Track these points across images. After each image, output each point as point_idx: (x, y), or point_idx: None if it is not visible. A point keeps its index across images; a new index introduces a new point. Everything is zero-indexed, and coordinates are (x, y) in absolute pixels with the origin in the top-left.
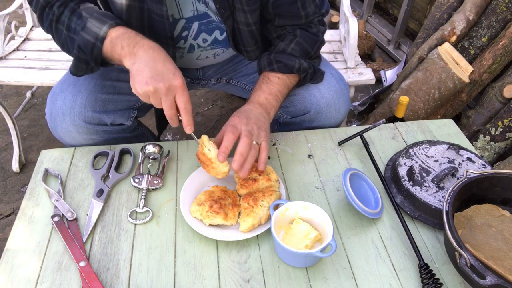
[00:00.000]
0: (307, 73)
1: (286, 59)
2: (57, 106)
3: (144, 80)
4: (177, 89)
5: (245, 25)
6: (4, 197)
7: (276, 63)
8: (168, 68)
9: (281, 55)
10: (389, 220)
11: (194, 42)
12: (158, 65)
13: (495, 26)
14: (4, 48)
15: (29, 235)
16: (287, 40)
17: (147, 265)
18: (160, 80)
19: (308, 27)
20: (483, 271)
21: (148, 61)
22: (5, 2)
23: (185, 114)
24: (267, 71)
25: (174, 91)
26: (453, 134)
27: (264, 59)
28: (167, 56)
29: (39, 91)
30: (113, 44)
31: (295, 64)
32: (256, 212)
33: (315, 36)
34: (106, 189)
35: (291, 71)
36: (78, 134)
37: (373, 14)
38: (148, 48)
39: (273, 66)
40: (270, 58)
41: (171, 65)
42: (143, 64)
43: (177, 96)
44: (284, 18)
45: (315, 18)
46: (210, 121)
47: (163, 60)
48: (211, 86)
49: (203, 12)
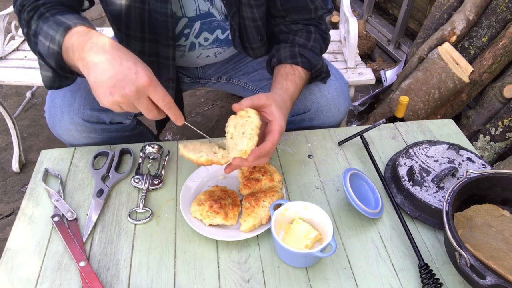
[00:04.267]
0: (320, 75)
1: (311, 56)
2: (56, 104)
3: (107, 91)
4: (146, 89)
5: (251, 20)
6: (4, 197)
7: (301, 57)
8: (128, 67)
9: (306, 51)
10: (389, 220)
11: (196, 41)
12: (115, 67)
13: (495, 26)
14: (4, 48)
15: (29, 235)
16: (303, 36)
17: (147, 265)
18: (123, 85)
19: (319, 23)
20: (483, 271)
21: (103, 66)
22: (5, 2)
23: (168, 110)
24: (288, 63)
25: (144, 91)
26: (453, 134)
27: (286, 51)
28: (123, 51)
29: (39, 91)
30: (67, 49)
31: (318, 64)
32: (257, 213)
33: (325, 34)
34: (106, 189)
35: (311, 69)
36: (77, 132)
37: (373, 14)
38: (99, 49)
39: (296, 59)
40: (294, 51)
41: (129, 62)
42: (99, 72)
43: (150, 95)
44: (295, 13)
45: (323, 14)
46: (210, 121)
47: (119, 59)
48: (211, 85)
49: (205, 11)
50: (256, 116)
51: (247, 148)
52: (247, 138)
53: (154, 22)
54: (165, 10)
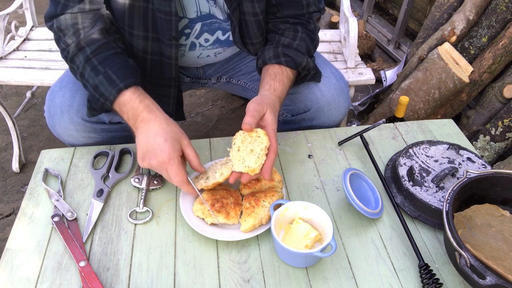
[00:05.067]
0: (309, 73)
1: (295, 54)
2: (55, 103)
3: (141, 157)
4: (165, 164)
5: (252, 15)
6: (4, 197)
7: (284, 57)
8: (158, 143)
9: (289, 50)
10: (389, 220)
11: (196, 41)
12: (150, 140)
13: (495, 26)
14: (4, 48)
15: (29, 235)
16: (290, 35)
17: (147, 265)
18: (150, 157)
19: (307, 23)
20: (483, 271)
21: (143, 137)
22: (5, 2)
23: (181, 187)
24: (272, 64)
25: (164, 166)
26: (453, 134)
27: (270, 51)
28: (160, 128)
29: (39, 91)
30: (121, 110)
31: (302, 62)
32: (257, 213)
33: (313, 34)
34: (106, 189)
35: (296, 67)
36: (76, 132)
37: (373, 14)
38: (144, 124)
39: (280, 59)
40: (277, 51)
41: (161, 138)
42: (140, 140)
43: (168, 170)
44: (287, 8)
45: (314, 13)
46: (210, 121)
47: (154, 134)
48: (211, 85)
49: (206, 13)
50: (266, 138)
51: (256, 166)
52: (256, 156)
53: (158, 21)
54: (169, 8)
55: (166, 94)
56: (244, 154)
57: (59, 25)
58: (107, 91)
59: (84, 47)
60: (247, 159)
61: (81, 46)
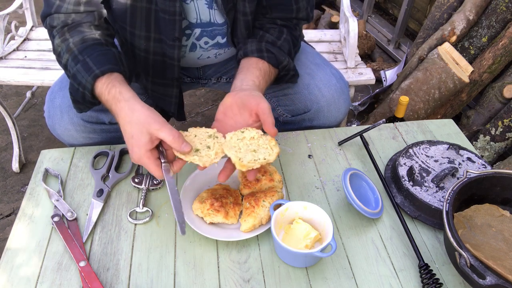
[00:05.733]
0: (288, 74)
1: (278, 52)
2: (55, 104)
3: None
4: (140, 163)
5: (242, 14)
6: (4, 197)
7: (267, 52)
8: (128, 141)
9: (272, 47)
10: (389, 220)
11: (197, 42)
12: (124, 137)
13: (495, 26)
14: (4, 48)
15: (29, 235)
16: (274, 34)
17: (147, 265)
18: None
19: (294, 29)
20: (483, 271)
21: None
22: (5, 2)
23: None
24: (254, 57)
25: (140, 163)
26: (453, 134)
27: (253, 44)
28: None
29: (39, 91)
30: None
31: (284, 61)
32: (257, 213)
33: (296, 40)
34: (106, 189)
35: (277, 65)
36: (76, 132)
37: (373, 14)
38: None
39: (263, 54)
40: (261, 45)
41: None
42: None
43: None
44: (277, 10)
45: (302, 21)
46: (210, 121)
47: (124, 131)
48: (211, 85)
49: (206, 21)
50: (275, 155)
51: (245, 164)
52: (252, 158)
53: (161, 22)
54: (174, 8)
55: (168, 93)
56: (243, 145)
57: (51, 22)
58: (83, 79)
59: (68, 39)
60: (243, 152)
61: (65, 38)
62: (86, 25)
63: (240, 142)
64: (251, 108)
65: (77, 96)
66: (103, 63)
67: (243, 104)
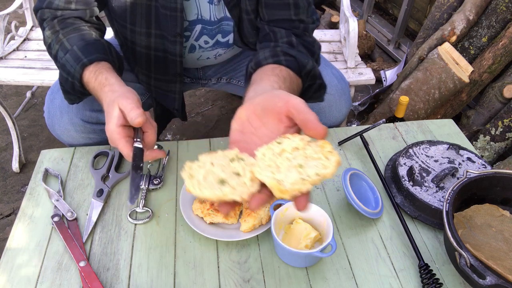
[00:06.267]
0: (314, 83)
1: (298, 54)
2: (55, 104)
3: None
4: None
5: (245, 13)
6: (4, 197)
7: (284, 55)
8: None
9: (290, 48)
10: (389, 220)
11: (196, 43)
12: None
13: (495, 26)
14: (4, 48)
15: (29, 235)
16: (284, 38)
17: (147, 265)
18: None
19: (303, 35)
20: (483, 271)
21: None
22: (5, 2)
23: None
24: (269, 64)
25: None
26: (453, 134)
27: (265, 51)
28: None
29: (39, 91)
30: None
31: (307, 64)
32: (257, 213)
33: (312, 46)
34: (106, 189)
35: (299, 71)
36: (76, 132)
37: (373, 14)
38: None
39: (279, 58)
40: (275, 50)
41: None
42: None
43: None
44: (272, 7)
45: (309, 26)
46: (210, 121)
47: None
48: (211, 85)
49: (207, 18)
50: (335, 168)
51: (289, 188)
52: (299, 177)
53: (162, 18)
54: (175, 4)
55: (171, 89)
56: (283, 162)
57: (42, 15)
58: (72, 68)
59: (58, 31)
60: (284, 170)
61: (55, 29)
62: (77, 19)
63: (277, 158)
64: (279, 110)
65: (67, 86)
66: (91, 52)
67: (265, 110)
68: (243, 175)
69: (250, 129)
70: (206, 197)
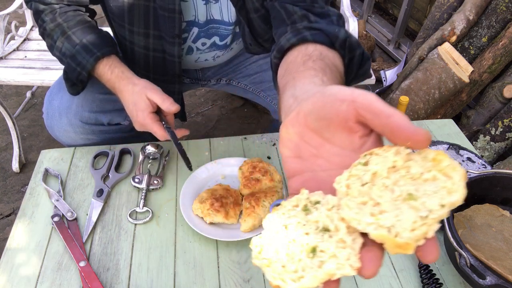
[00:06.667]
0: (355, 55)
1: (323, 26)
2: (54, 105)
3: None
4: (144, 128)
5: (254, 11)
6: (4, 197)
7: (308, 30)
8: (130, 110)
9: (310, 22)
10: None
11: (193, 45)
12: (128, 109)
13: (495, 26)
14: (4, 48)
15: (29, 235)
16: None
17: (147, 265)
18: (134, 123)
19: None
20: (483, 271)
21: (125, 106)
22: (5, 2)
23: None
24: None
25: (144, 129)
26: (453, 134)
27: (288, 33)
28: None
29: (39, 91)
30: (101, 80)
31: (339, 33)
32: (257, 213)
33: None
34: (106, 189)
35: (332, 42)
36: (75, 133)
37: (373, 14)
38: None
39: (303, 34)
40: (296, 27)
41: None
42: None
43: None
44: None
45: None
46: (210, 121)
47: (127, 103)
48: (211, 86)
49: (203, 20)
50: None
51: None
52: (417, 215)
53: (160, 19)
54: (173, 6)
55: (171, 90)
56: (379, 193)
57: (36, 7)
58: (84, 59)
59: (61, 23)
60: (390, 208)
61: (58, 22)
62: (74, 11)
63: (370, 189)
64: (344, 116)
65: (72, 75)
66: (102, 46)
67: (324, 120)
68: (334, 229)
69: (309, 150)
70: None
